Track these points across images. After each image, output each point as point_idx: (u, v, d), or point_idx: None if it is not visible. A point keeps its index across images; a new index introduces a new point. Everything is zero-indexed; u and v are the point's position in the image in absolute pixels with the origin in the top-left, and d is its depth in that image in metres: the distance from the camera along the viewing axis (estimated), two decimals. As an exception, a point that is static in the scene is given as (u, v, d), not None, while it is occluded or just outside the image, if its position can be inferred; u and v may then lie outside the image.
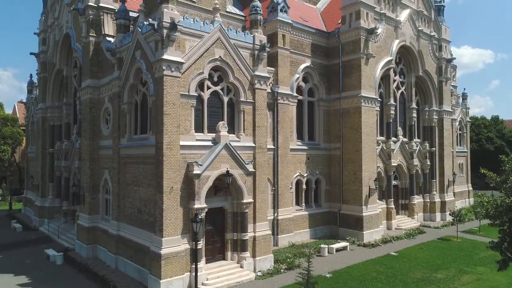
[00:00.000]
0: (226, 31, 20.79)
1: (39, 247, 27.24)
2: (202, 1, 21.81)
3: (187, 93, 19.31)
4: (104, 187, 24.77)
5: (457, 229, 30.40)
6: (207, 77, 20.28)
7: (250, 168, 21.15)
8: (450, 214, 32.94)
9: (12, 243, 29.13)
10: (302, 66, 29.76)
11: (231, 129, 21.43)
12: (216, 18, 20.72)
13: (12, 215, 42.09)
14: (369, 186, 29.38)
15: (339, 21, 31.98)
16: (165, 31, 18.42)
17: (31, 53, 36.44)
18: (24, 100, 53.32)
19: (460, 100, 51.15)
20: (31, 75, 45.00)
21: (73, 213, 30.18)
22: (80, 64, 27.91)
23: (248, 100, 21.82)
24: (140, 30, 20.37)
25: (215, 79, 20.86)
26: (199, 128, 20.17)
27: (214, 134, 20.37)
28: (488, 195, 18.41)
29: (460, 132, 50.43)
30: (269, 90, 25.58)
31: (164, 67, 18.34)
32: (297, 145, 29.33)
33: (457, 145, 48.79)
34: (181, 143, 18.96)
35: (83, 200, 25.43)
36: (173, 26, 18.38)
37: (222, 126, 20.29)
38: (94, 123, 25.37)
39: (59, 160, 33.33)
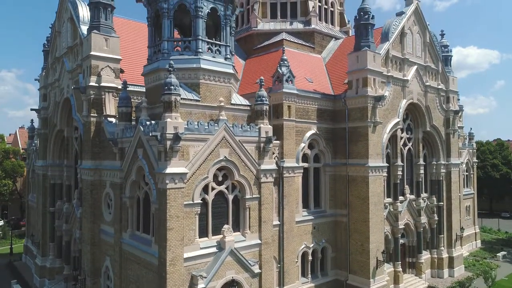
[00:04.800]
0: (231, 130, 20.11)
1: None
2: (207, 98, 21.07)
3: (191, 202, 18.66)
4: (105, 273, 24.12)
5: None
6: (212, 179, 19.63)
7: (256, 269, 20.51)
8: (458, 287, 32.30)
9: (12, 315, 28.62)
10: (308, 134, 29.01)
11: (236, 227, 20.82)
12: (221, 117, 20.04)
13: (13, 265, 41.52)
14: (377, 258, 28.68)
15: (346, 80, 31.24)
16: (168, 142, 17.77)
17: (31, 109, 35.89)
18: (26, 123, 53.19)
19: (467, 141, 50.26)
20: (32, 120, 44.53)
21: (74, 278, 29.53)
22: (81, 133, 27.25)
23: (253, 196, 21.20)
24: (142, 129, 19.73)
25: (220, 178, 20.22)
26: (203, 232, 19.52)
27: (219, 237, 19.71)
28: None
29: (467, 173, 49.54)
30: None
31: (167, 181, 17.69)
32: (303, 216, 28.61)
33: (463, 187, 47.94)
34: (185, 255, 18.32)
35: (83, 285, 24.81)
36: (177, 138, 17.72)
37: (227, 231, 19.64)
38: (96, 206, 24.69)
39: (60, 219, 32.74)
